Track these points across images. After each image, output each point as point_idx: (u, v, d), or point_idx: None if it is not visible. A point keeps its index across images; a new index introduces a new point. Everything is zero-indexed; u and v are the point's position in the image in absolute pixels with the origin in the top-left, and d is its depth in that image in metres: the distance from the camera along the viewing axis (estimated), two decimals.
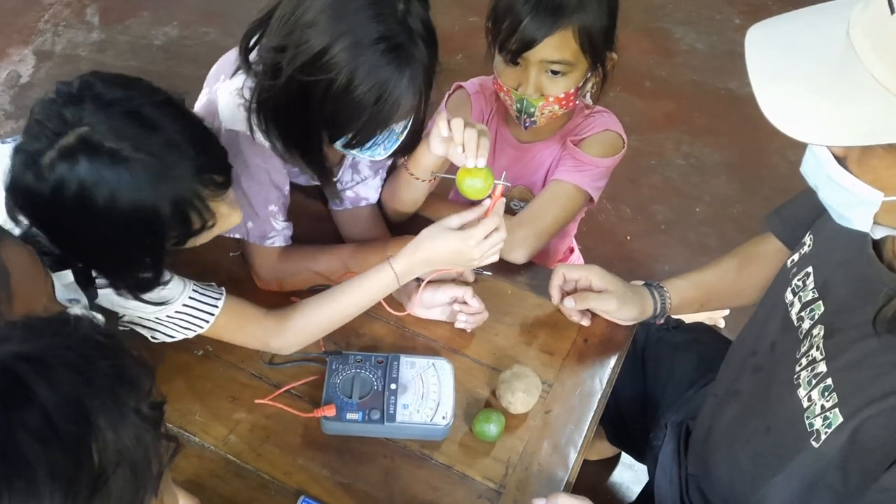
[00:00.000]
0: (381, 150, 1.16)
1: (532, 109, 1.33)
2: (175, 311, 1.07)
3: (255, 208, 1.21)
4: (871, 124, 0.70)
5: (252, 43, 1.12)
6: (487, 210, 1.14)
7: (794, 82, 0.73)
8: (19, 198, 0.90)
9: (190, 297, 1.08)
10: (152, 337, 1.10)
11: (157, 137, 0.90)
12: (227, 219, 1.03)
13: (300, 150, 1.15)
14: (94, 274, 0.98)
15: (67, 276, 0.94)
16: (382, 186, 1.39)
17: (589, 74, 1.33)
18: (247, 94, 1.12)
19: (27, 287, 0.80)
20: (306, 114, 1.07)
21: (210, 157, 0.97)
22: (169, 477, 0.71)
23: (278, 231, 1.25)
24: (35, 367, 0.59)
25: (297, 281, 1.29)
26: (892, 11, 0.68)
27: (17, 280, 0.78)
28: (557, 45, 1.26)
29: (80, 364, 0.62)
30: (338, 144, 1.12)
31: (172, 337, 1.11)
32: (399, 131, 1.15)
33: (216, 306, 1.11)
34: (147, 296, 1.01)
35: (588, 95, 1.43)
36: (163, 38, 2.90)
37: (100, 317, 0.94)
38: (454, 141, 1.11)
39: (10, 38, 2.93)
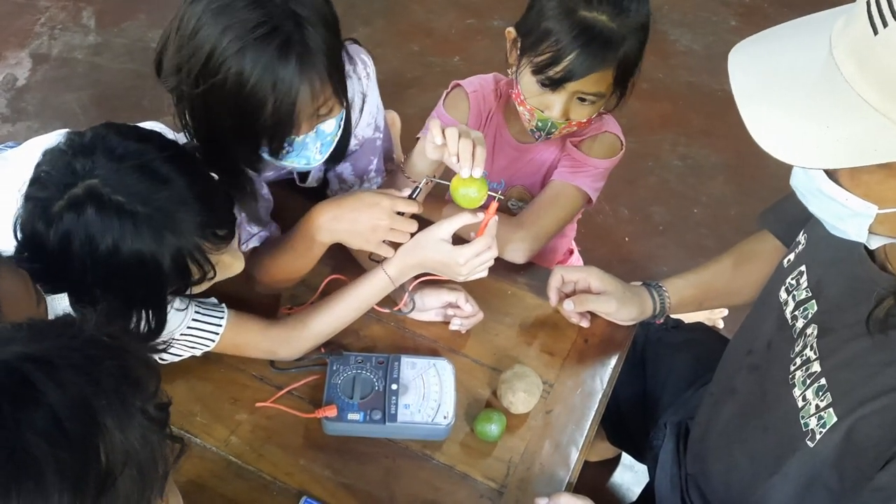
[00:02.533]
0: (315, 154, 1.16)
1: (553, 130, 1.34)
2: (180, 333, 1.08)
3: None
4: (861, 145, 0.70)
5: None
6: (480, 228, 1.14)
7: (782, 107, 0.73)
8: (28, 243, 0.91)
9: (193, 319, 1.09)
10: (160, 358, 1.11)
11: (164, 192, 0.92)
12: (229, 268, 1.05)
13: (226, 170, 1.13)
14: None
15: (63, 299, 0.95)
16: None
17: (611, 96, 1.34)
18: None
19: (16, 312, 0.80)
20: (218, 128, 1.05)
21: (215, 212, 0.98)
22: (172, 479, 0.71)
23: (253, 233, 1.25)
24: (41, 367, 0.59)
25: (278, 272, 1.26)
26: (875, 32, 0.68)
27: (6, 314, 0.79)
28: (597, 80, 1.26)
29: (87, 364, 0.61)
30: (265, 155, 1.11)
31: (180, 356, 1.12)
32: (330, 132, 1.14)
33: (220, 325, 1.12)
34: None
35: None
36: None
37: None
38: (448, 150, 1.11)
39: (6, 41, 2.91)
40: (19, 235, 0.92)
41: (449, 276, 1.18)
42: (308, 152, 1.15)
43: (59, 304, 0.94)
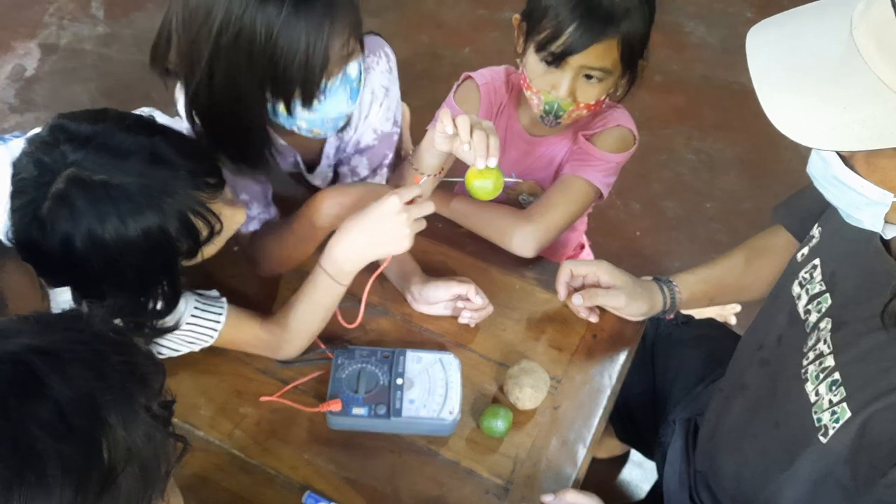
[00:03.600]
0: (346, 100, 1.14)
1: (562, 113, 1.32)
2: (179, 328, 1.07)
3: None
4: (878, 128, 0.69)
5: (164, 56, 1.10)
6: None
7: (799, 87, 0.72)
8: (26, 252, 0.89)
9: (193, 315, 1.08)
10: (157, 353, 1.10)
11: (140, 156, 0.91)
12: (232, 219, 1.03)
13: (244, 148, 1.13)
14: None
15: (66, 293, 0.94)
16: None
17: (619, 80, 1.32)
18: (180, 110, 1.11)
19: (22, 308, 0.80)
20: (246, 90, 1.04)
21: (197, 161, 0.96)
22: (172, 479, 0.70)
23: (253, 216, 1.24)
24: (48, 360, 0.59)
25: (279, 255, 1.24)
26: None
27: (12, 302, 0.78)
28: (600, 54, 1.24)
29: (93, 359, 0.61)
30: (299, 110, 1.09)
31: (178, 351, 1.11)
32: (355, 76, 1.13)
33: (219, 321, 1.11)
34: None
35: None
36: None
37: None
38: (460, 139, 1.09)
39: (15, 31, 2.92)
40: (14, 243, 0.90)
41: (391, 240, 1.07)
42: (338, 100, 1.12)
43: (62, 297, 0.93)
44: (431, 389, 1.14)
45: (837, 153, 0.79)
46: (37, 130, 0.93)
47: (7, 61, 2.81)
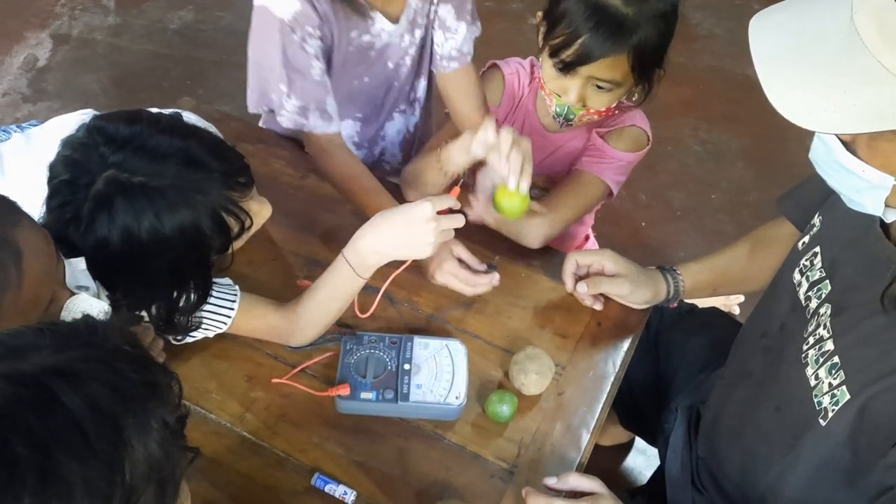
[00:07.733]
0: None
1: (572, 116, 1.34)
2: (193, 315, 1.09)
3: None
4: (878, 110, 0.70)
5: None
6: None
7: (801, 71, 0.73)
8: (66, 252, 0.91)
9: (206, 303, 1.09)
10: (175, 340, 1.12)
11: (176, 159, 0.93)
12: (259, 215, 1.06)
13: None
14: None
15: (81, 262, 0.95)
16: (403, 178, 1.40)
17: (634, 88, 1.33)
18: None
19: (38, 269, 0.81)
20: None
21: (229, 162, 0.99)
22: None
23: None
24: (69, 381, 0.59)
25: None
26: None
27: (28, 261, 0.79)
28: (610, 65, 1.24)
29: (113, 379, 0.61)
30: None
31: (193, 337, 1.13)
32: None
33: (232, 308, 1.13)
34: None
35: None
36: (178, 22, 2.91)
37: (106, 304, 0.93)
38: (500, 151, 1.10)
39: (27, 21, 2.94)
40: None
41: (415, 245, 1.08)
42: None
43: (80, 266, 0.94)
44: (438, 375, 1.15)
45: (839, 138, 0.79)
46: (60, 124, 0.95)
47: (19, 51, 2.83)
